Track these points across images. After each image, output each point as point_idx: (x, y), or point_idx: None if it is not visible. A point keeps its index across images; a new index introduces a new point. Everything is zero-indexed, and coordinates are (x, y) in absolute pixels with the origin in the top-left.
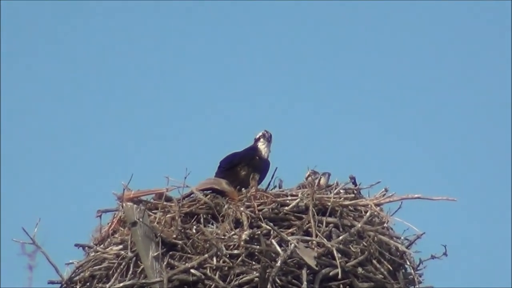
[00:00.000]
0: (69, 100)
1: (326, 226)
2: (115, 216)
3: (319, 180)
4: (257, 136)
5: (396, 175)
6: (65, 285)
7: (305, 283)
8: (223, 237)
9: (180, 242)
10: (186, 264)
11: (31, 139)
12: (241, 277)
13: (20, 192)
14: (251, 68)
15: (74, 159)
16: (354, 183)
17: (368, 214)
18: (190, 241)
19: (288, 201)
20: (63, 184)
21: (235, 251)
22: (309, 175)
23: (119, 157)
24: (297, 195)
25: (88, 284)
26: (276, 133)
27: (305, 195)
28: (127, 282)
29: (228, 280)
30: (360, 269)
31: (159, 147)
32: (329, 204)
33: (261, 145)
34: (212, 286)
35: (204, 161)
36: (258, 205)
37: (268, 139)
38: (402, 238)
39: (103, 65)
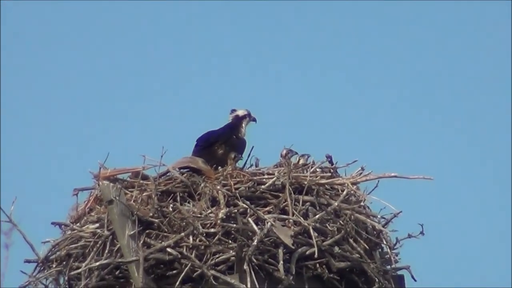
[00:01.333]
0: (48, 80)
1: (302, 205)
2: (92, 194)
3: (298, 161)
4: (241, 114)
5: (373, 154)
6: (41, 263)
7: (281, 262)
8: (199, 215)
9: (156, 220)
10: (163, 242)
11: (8, 118)
12: (217, 256)
13: None
14: (228, 46)
15: (50, 137)
16: (331, 162)
17: (344, 192)
18: (167, 219)
19: (264, 179)
20: (40, 162)
21: (212, 230)
22: (286, 154)
23: (96, 135)
24: (273, 174)
25: (64, 262)
26: (252, 112)
27: (282, 173)
28: (103, 261)
29: (204, 259)
30: (336, 248)
31: (136, 125)
32: (306, 182)
33: (244, 125)
34: (188, 265)
35: (180, 140)
36: (234, 184)
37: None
38: (378, 217)
39: (83, 44)
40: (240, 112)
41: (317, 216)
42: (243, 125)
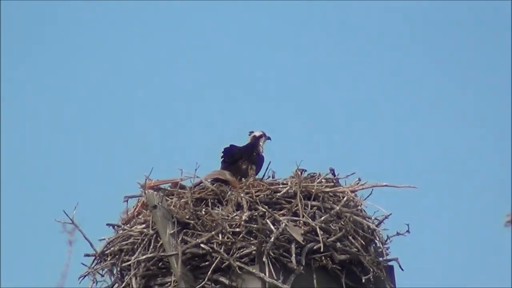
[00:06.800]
0: (100, 95)
1: (311, 209)
2: (139, 200)
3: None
4: (258, 135)
5: (368, 167)
6: (98, 257)
7: (293, 255)
8: (227, 217)
9: (192, 221)
10: (197, 239)
11: (65, 135)
12: (241, 250)
13: (61, 181)
14: (256, 67)
15: (104, 153)
16: (333, 174)
17: (345, 199)
18: (200, 221)
19: (280, 188)
20: (97, 174)
21: (237, 229)
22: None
23: (143, 151)
24: (287, 184)
25: (117, 256)
26: (269, 132)
27: (294, 183)
28: (149, 255)
29: (231, 253)
30: (338, 244)
31: (175, 144)
32: (313, 190)
33: (261, 143)
34: (218, 258)
35: (210, 156)
36: (255, 192)
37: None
38: (373, 218)
39: (117, 59)
40: (257, 133)
41: (322, 218)
42: (260, 143)
